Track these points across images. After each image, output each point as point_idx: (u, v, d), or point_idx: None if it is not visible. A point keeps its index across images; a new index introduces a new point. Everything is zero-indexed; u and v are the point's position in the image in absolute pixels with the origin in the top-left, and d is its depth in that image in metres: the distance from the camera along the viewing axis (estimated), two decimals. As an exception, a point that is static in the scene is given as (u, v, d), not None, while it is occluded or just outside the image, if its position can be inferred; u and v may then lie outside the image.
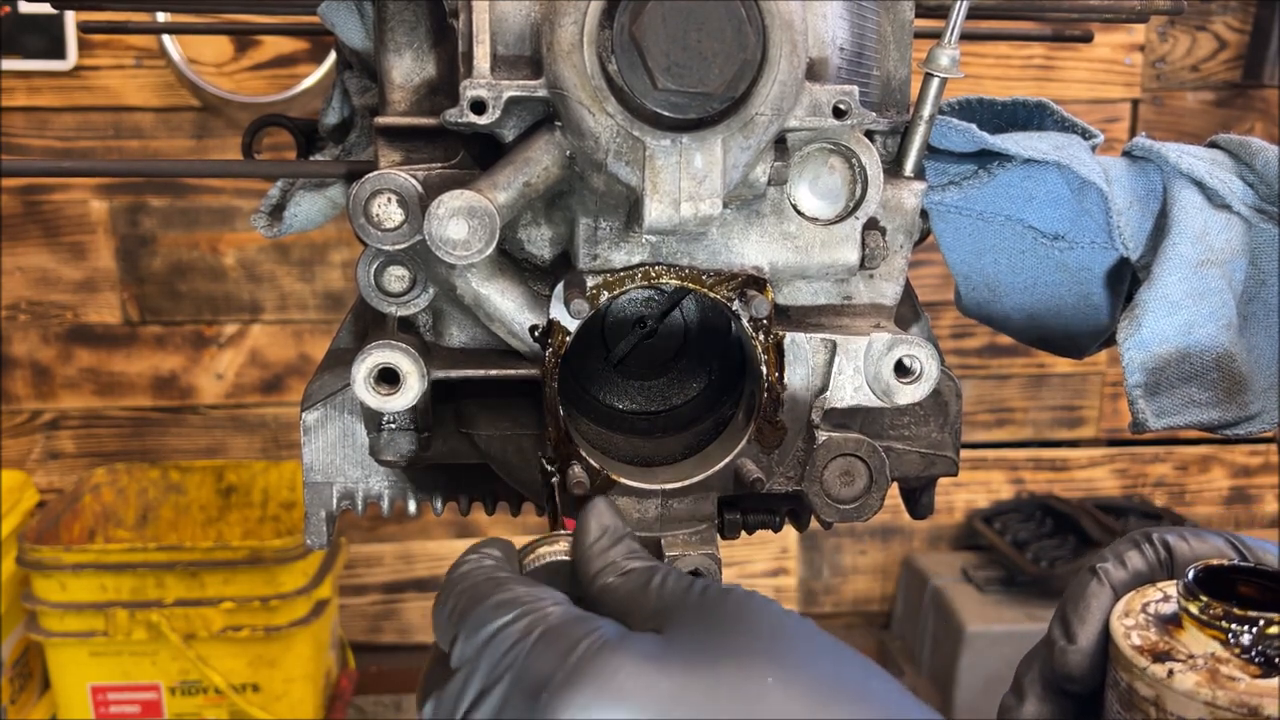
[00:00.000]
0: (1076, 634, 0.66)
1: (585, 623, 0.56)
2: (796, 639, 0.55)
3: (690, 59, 0.62)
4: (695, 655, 0.54)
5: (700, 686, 0.52)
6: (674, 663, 0.53)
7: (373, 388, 0.72)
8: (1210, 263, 0.82)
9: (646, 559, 0.64)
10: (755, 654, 0.54)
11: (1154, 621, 0.64)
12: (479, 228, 0.65)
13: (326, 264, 2.77)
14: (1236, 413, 0.84)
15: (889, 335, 0.75)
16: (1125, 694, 0.63)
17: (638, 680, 0.52)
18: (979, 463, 3.05)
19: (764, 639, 0.55)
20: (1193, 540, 0.69)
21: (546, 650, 0.55)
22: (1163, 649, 0.62)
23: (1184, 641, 0.62)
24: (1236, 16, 2.83)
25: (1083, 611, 0.67)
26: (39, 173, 1.81)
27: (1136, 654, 0.62)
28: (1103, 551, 0.70)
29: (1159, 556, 0.68)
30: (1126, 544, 0.70)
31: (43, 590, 2.32)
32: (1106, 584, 0.68)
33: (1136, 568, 0.68)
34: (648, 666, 0.53)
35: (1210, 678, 0.59)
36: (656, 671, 0.53)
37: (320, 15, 0.85)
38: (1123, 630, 0.64)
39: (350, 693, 2.69)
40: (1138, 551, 0.69)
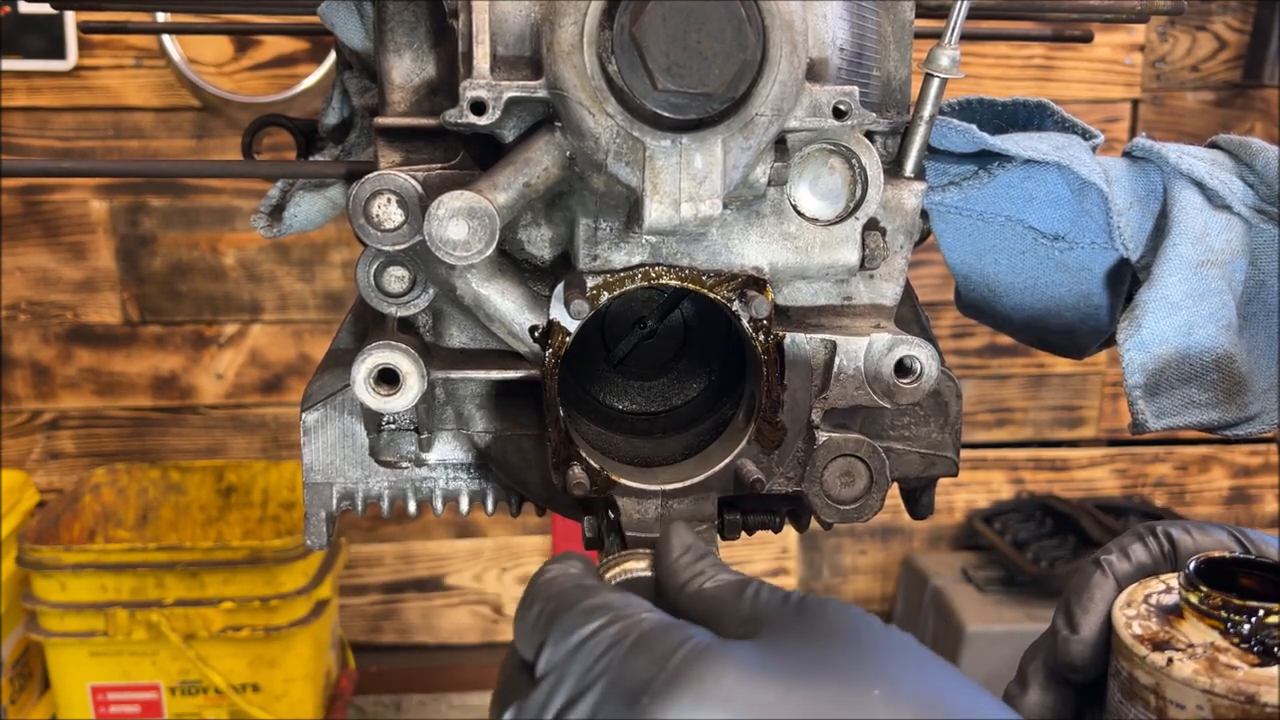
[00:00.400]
0: (1079, 624, 0.67)
1: (681, 629, 0.55)
2: (901, 653, 0.54)
3: (690, 59, 0.62)
4: (796, 664, 0.53)
5: (803, 695, 0.51)
6: (775, 670, 0.52)
7: (373, 388, 0.72)
8: (1210, 263, 0.82)
9: (736, 573, 0.63)
10: (860, 666, 0.52)
11: (1155, 612, 0.65)
12: (479, 228, 0.65)
13: (326, 264, 2.77)
14: (1236, 413, 0.84)
15: (889, 335, 0.75)
16: (1126, 683, 0.63)
17: (740, 686, 0.51)
18: (979, 463, 3.05)
19: (868, 651, 0.53)
20: (1196, 533, 0.70)
21: (643, 655, 0.53)
22: (1163, 638, 0.63)
23: (1184, 631, 0.63)
24: (1236, 16, 2.83)
25: (1086, 602, 0.67)
26: (39, 173, 1.81)
27: (1137, 643, 0.63)
28: (1107, 544, 0.71)
29: (1162, 549, 0.69)
30: (1130, 537, 0.70)
31: (43, 590, 2.32)
32: (1110, 575, 0.68)
33: (1140, 560, 0.69)
34: (749, 673, 0.52)
35: (1209, 666, 0.60)
36: (759, 678, 0.52)
37: (320, 15, 0.85)
38: (1124, 620, 0.65)
39: (350, 693, 2.69)
40: (1141, 544, 0.70)
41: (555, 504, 0.81)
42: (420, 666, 2.97)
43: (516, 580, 3.01)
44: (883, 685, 0.51)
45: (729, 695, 0.51)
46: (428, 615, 3.02)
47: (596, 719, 0.53)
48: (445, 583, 3.00)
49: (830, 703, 0.51)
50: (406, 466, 0.81)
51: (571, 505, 0.80)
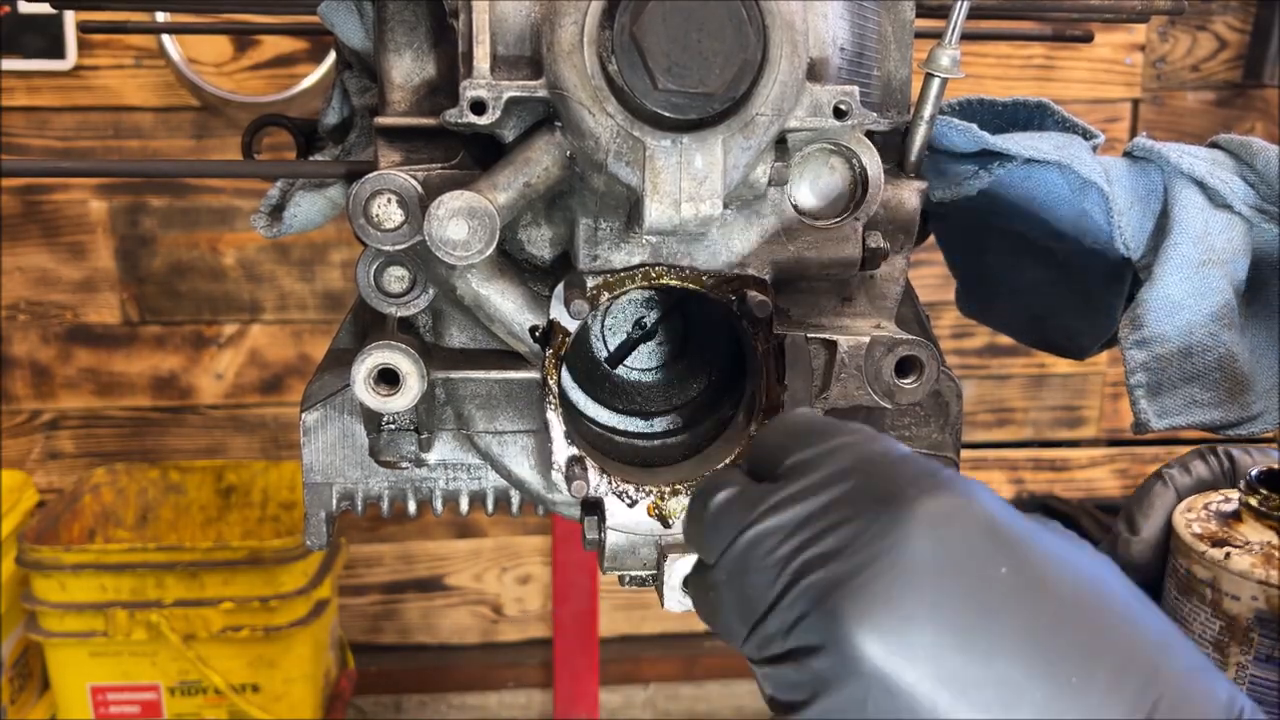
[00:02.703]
0: (1140, 526, 0.71)
1: (937, 462, 0.54)
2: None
3: (690, 59, 0.62)
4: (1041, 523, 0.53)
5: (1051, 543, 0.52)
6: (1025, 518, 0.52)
7: (372, 388, 0.72)
8: (1212, 263, 0.82)
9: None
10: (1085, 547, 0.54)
11: (1215, 516, 0.70)
12: (479, 228, 0.65)
13: (326, 264, 2.77)
14: (1238, 413, 0.84)
15: (889, 335, 0.75)
16: (1184, 580, 0.68)
17: (998, 512, 0.51)
18: (979, 463, 3.04)
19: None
20: (1256, 454, 0.75)
21: (906, 465, 0.52)
22: (1221, 536, 0.67)
23: (1242, 531, 0.67)
24: (1237, 16, 2.83)
25: (1146, 507, 0.72)
26: (39, 173, 1.81)
27: (1196, 540, 0.67)
28: (1169, 461, 0.76)
29: (1222, 466, 0.74)
30: (1192, 455, 0.75)
31: (42, 590, 2.32)
32: (1171, 486, 0.73)
33: (1200, 474, 0.74)
34: (1008, 509, 0.52)
35: (1265, 560, 0.64)
36: (1015, 515, 0.52)
37: (320, 15, 0.85)
38: (1184, 522, 0.69)
39: (350, 693, 2.69)
40: (1202, 461, 0.74)
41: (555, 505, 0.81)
42: (420, 667, 2.97)
43: (516, 580, 3.01)
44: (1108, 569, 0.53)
45: (988, 514, 0.50)
46: (427, 615, 3.02)
47: (837, 505, 0.51)
48: (445, 583, 3.00)
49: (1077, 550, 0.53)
50: (406, 466, 0.80)
51: (571, 506, 0.80)
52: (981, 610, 0.48)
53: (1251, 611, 0.63)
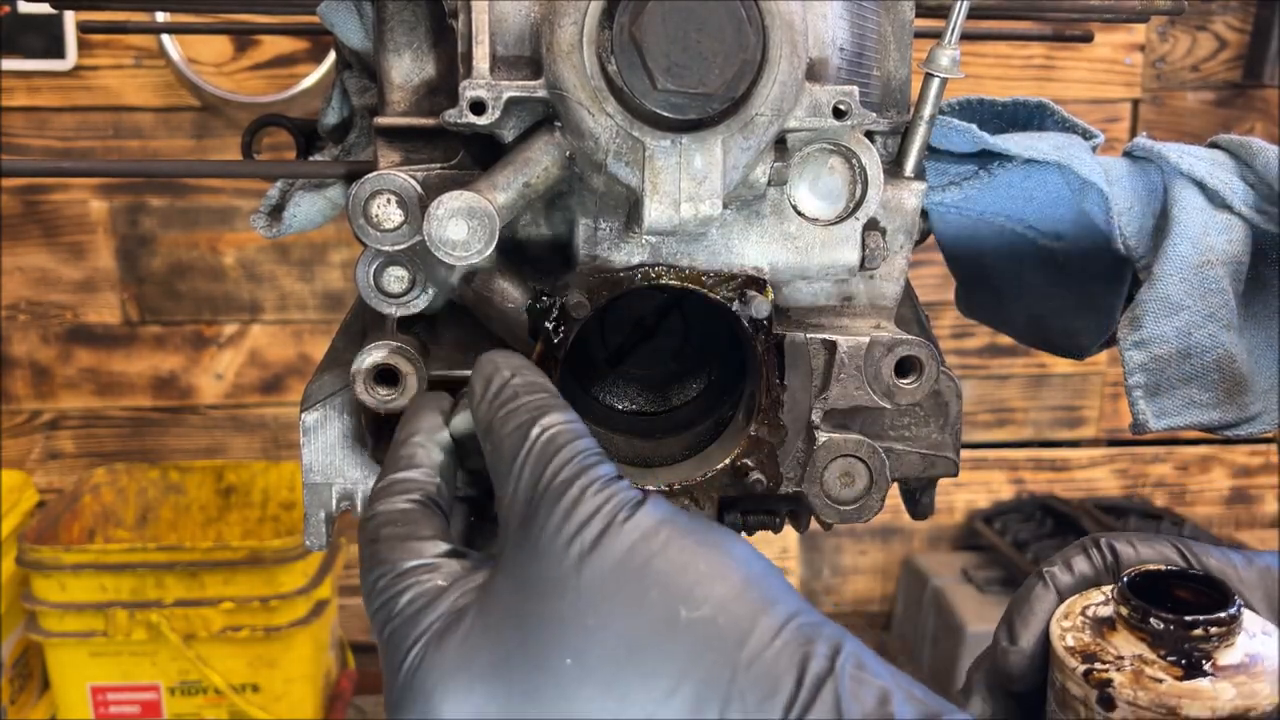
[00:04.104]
0: (1019, 635, 0.68)
1: (427, 614, 0.57)
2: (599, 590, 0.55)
3: (690, 59, 0.62)
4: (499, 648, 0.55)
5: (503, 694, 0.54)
6: (480, 665, 0.55)
7: (372, 388, 0.72)
8: (1211, 263, 0.82)
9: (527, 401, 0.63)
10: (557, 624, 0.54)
11: (1090, 624, 0.65)
12: (478, 228, 0.65)
13: (326, 264, 2.77)
14: (1237, 413, 0.84)
15: (889, 336, 0.75)
16: (1060, 694, 0.64)
17: (446, 701, 0.54)
18: (979, 463, 3.04)
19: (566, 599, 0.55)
20: (1140, 546, 0.70)
21: (391, 656, 0.57)
22: (1094, 650, 0.63)
23: (1115, 644, 0.63)
24: (1237, 16, 2.83)
25: (1026, 614, 0.68)
26: (39, 173, 1.81)
27: (1069, 654, 0.64)
28: (1052, 556, 0.71)
29: (1105, 561, 0.69)
30: (1074, 549, 0.71)
31: (42, 590, 2.32)
32: (1051, 587, 0.69)
33: (1082, 572, 0.69)
34: (455, 679, 0.55)
35: (1134, 678, 0.61)
36: (463, 684, 0.54)
37: (320, 15, 0.85)
38: (1059, 632, 0.66)
39: (350, 693, 2.69)
40: (1084, 556, 0.70)
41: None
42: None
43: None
44: (574, 652, 0.53)
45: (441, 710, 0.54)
46: (428, 615, 3.02)
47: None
48: (445, 583, 3.00)
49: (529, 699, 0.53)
50: (406, 467, 0.80)
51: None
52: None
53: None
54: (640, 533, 0.55)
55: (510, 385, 0.63)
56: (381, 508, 0.63)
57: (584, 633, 0.53)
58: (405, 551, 0.61)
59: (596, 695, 0.52)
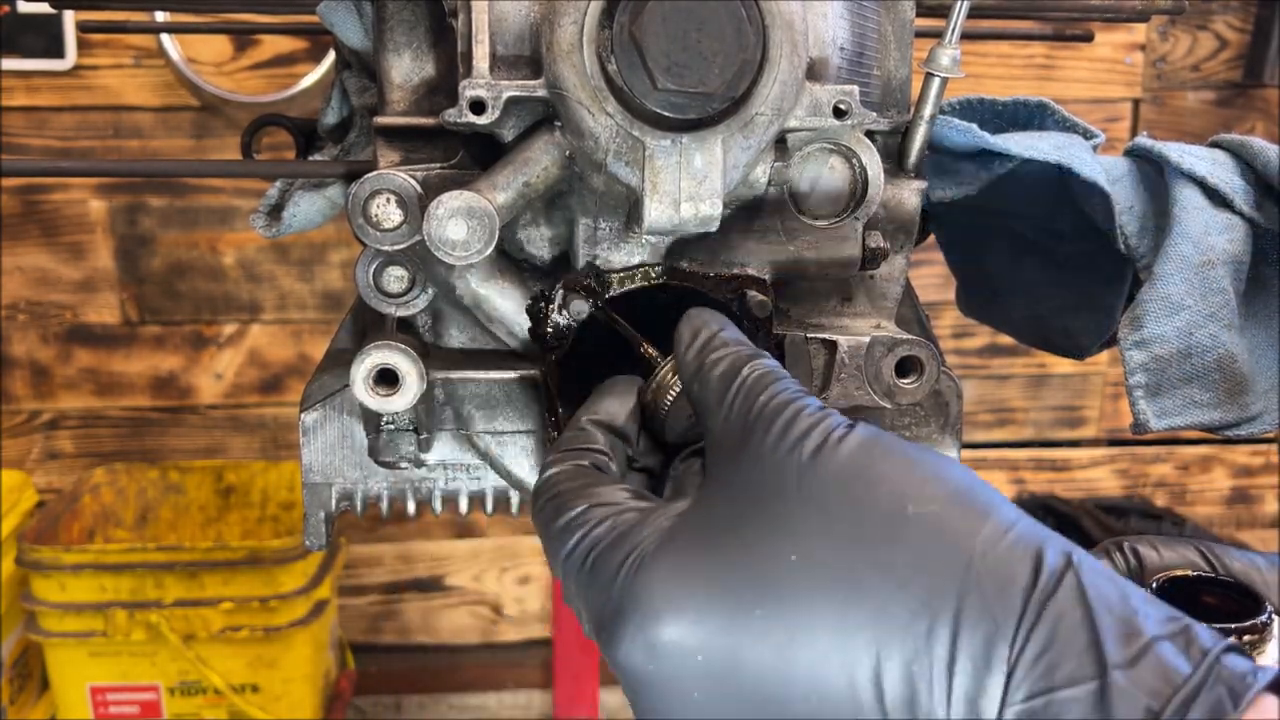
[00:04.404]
0: None
1: (631, 537, 0.56)
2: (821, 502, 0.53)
3: (690, 59, 0.62)
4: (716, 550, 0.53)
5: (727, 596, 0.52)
6: (699, 569, 0.53)
7: (372, 389, 0.72)
8: (1212, 263, 0.82)
9: (735, 350, 0.62)
10: (775, 532, 0.53)
11: None
12: (478, 228, 0.65)
13: (326, 264, 2.76)
14: (1238, 413, 0.84)
15: (889, 335, 0.75)
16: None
17: (669, 605, 0.52)
18: (979, 463, 3.04)
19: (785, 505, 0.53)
20: (1163, 549, 0.70)
21: (597, 581, 0.55)
22: None
23: None
24: (1237, 16, 2.83)
25: None
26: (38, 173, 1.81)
27: None
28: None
29: (1129, 565, 0.69)
30: (1097, 553, 0.70)
31: (42, 590, 2.32)
32: None
33: None
34: (678, 583, 0.53)
35: None
36: (686, 587, 0.52)
37: (319, 15, 0.85)
38: None
39: (350, 693, 2.69)
40: (1107, 560, 0.69)
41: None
42: (420, 667, 2.97)
43: (516, 581, 3.01)
44: (800, 549, 0.52)
45: (662, 618, 0.52)
46: (427, 616, 3.02)
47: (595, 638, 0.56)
48: (445, 583, 3.00)
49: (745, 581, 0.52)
50: (406, 467, 0.80)
51: None
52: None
53: None
54: (859, 443, 0.54)
55: (718, 336, 0.64)
56: (554, 471, 0.62)
57: (809, 531, 0.52)
58: (591, 497, 0.59)
59: (824, 588, 0.50)
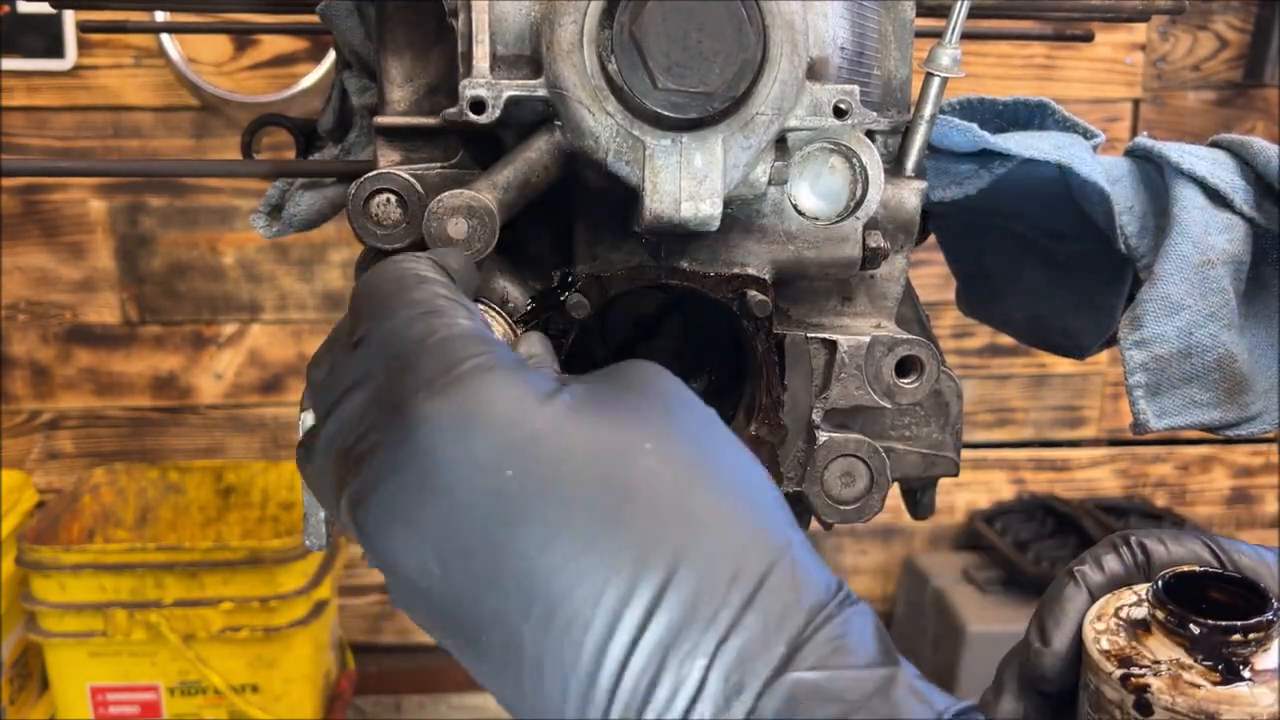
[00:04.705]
0: (1051, 637, 0.67)
1: (489, 343, 0.53)
2: (689, 414, 0.53)
3: (690, 59, 0.62)
4: (584, 403, 0.52)
5: (576, 432, 0.50)
6: (559, 405, 0.51)
7: (372, 388, 0.72)
8: (1211, 263, 0.82)
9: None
10: (645, 415, 0.52)
11: (1125, 626, 0.65)
12: (478, 227, 0.65)
13: (326, 264, 2.76)
14: (1238, 413, 0.84)
15: (890, 335, 0.75)
16: (1094, 696, 0.64)
17: (513, 410, 0.50)
18: (980, 463, 3.04)
19: (658, 406, 0.53)
20: (1171, 544, 0.69)
21: (434, 357, 0.52)
22: (1129, 654, 0.63)
23: (1151, 647, 0.63)
24: (1237, 16, 2.83)
25: (1058, 614, 0.67)
26: (39, 173, 1.81)
27: (1104, 658, 0.63)
28: (1082, 554, 0.70)
29: (1136, 560, 0.69)
30: (1104, 547, 0.70)
31: (42, 590, 2.32)
32: (1083, 587, 0.68)
33: (1113, 571, 0.68)
34: (530, 400, 0.50)
35: (1172, 684, 0.60)
36: (538, 407, 0.50)
37: (320, 15, 0.85)
38: (1093, 634, 0.65)
39: (350, 693, 2.69)
40: (1115, 555, 0.69)
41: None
42: (420, 667, 2.97)
43: (516, 580, 3.01)
44: (658, 440, 0.51)
45: (497, 415, 0.50)
46: (427, 615, 3.01)
47: (375, 402, 0.52)
48: (445, 583, 3.00)
49: (602, 445, 0.50)
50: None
51: None
52: (486, 522, 0.48)
53: None
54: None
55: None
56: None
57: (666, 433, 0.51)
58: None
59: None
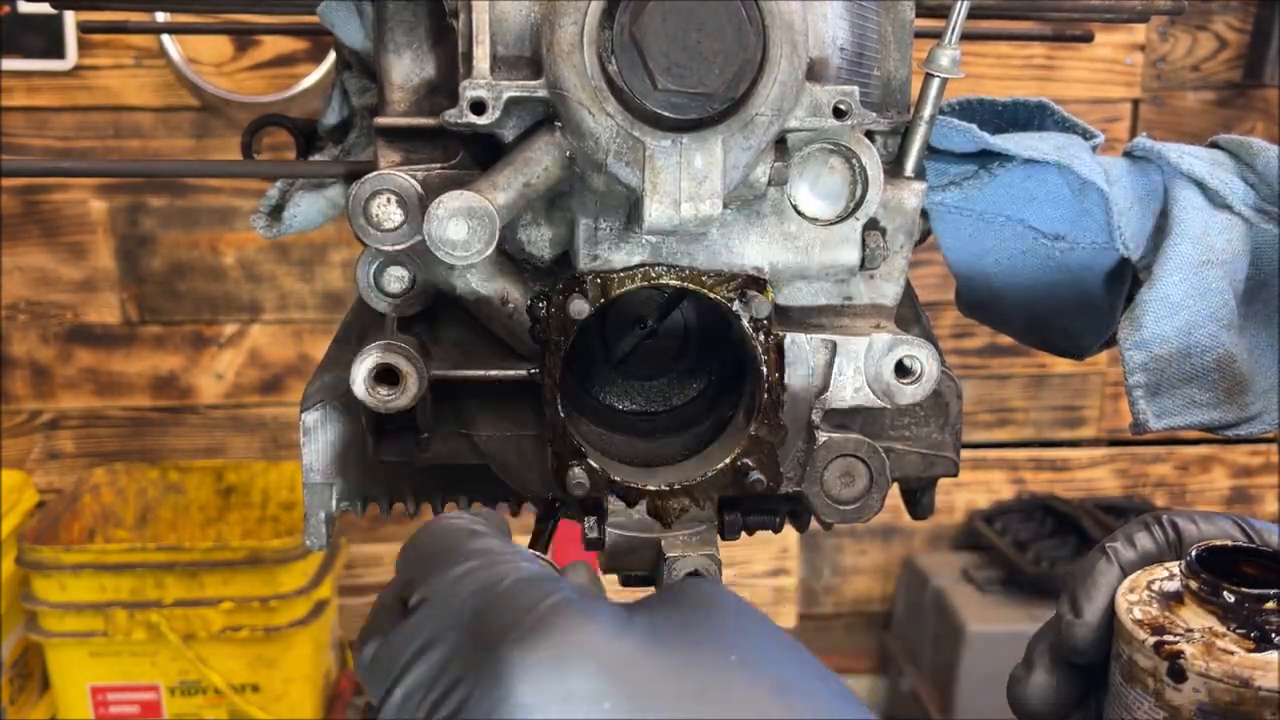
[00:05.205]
0: (1083, 609, 0.68)
1: (556, 582, 0.54)
2: (758, 625, 0.55)
3: (690, 59, 0.62)
4: (661, 627, 0.53)
5: (663, 655, 0.51)
6: (638, 630, 0.52)
7: (372, 388, 0.72)
8: (1211, 263, 0.82)
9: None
10: (719, 634, 0.53)
11: (1157, 598, 0.67)
12: (479, 228, 0.65)
13: (326, 264, 2.77)
14: (1237, 413, 0.84)
15: (889, 336, 0.75)
16: (1126, 666, 0.65)
17: (600, 640, 0.51)
18: (979, 463, 3.04)
19: (729, 621, 0.54)
20: (1201, 522, 0.71)
21: (512, 601, 0.53)
22: (1163, 623, 0.64)
23: (1184, 617, 0.65)
24: (1237, 16, 2.83)
25: (1090, 588, 0.69)
26: (39, 173, 1.81)
27: (1137, 627, 0.65)
28: (1114, 532, 0.72)
29: (1167, 537, 0.71)
30: (1136, 525, 0.72)
31: (42, 590, 2.32)
32: (1115, 563, 0.70)
33: (1145, 548, 0.70)
34: (612, 630, 0.51)
35: (1206, 650, 0.62)
36: (621, 635, 0.51)
37: (320, 15, 0.85)
38: (1126, 605, 0.67)
39: (350, 693, 2.69)
40: (1146, 532, 0.71)
41: (555, 504, 0.81)
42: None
43: (516, 580, 3.01)
44: (741, 654, 0.52)
45: (586, 650, 0.50)
46: (428, 615, 3.01)
47: (456, 656, 0.52)
48: (445, 583, 3.00)
49: (690, 663, 0.51)
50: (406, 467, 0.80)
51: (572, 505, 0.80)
52: None
53: (1194, 703, 0.61)
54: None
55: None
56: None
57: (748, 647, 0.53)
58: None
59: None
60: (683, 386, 0.86)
